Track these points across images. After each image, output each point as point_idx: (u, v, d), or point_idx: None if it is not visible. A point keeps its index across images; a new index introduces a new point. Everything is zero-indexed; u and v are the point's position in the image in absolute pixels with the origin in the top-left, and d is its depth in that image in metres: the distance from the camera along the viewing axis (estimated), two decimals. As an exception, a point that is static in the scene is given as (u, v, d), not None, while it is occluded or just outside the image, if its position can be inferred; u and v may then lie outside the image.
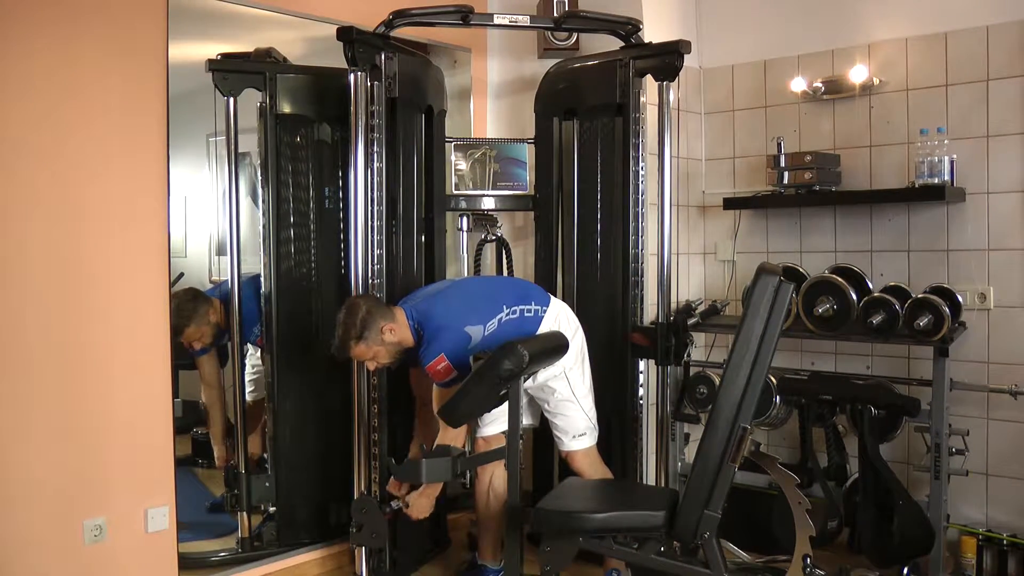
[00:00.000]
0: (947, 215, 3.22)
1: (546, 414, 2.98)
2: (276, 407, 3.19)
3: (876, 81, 3.34)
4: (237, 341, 3.16)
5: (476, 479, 3.01)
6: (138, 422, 2.84)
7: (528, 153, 3.59)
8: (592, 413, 2.94)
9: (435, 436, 2.78)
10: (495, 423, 2.97)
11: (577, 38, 3.66)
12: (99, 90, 2.73)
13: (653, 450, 3.28)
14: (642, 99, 3.21)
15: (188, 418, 3.15)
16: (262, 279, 3.20)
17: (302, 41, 3.37)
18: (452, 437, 2.73)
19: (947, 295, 3.04)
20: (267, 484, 3.18)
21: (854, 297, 3.01)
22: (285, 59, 3.25)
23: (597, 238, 3.34)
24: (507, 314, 2.80)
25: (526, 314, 2.84)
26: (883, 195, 3.30)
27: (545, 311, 2.88)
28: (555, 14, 3.48)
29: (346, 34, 2.87)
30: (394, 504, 2.90)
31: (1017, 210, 3.09)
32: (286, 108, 3.16)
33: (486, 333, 2.75)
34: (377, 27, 3.02)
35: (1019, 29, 3.04)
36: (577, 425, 2.91)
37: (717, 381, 2.81)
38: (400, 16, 3.05)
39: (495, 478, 3.00)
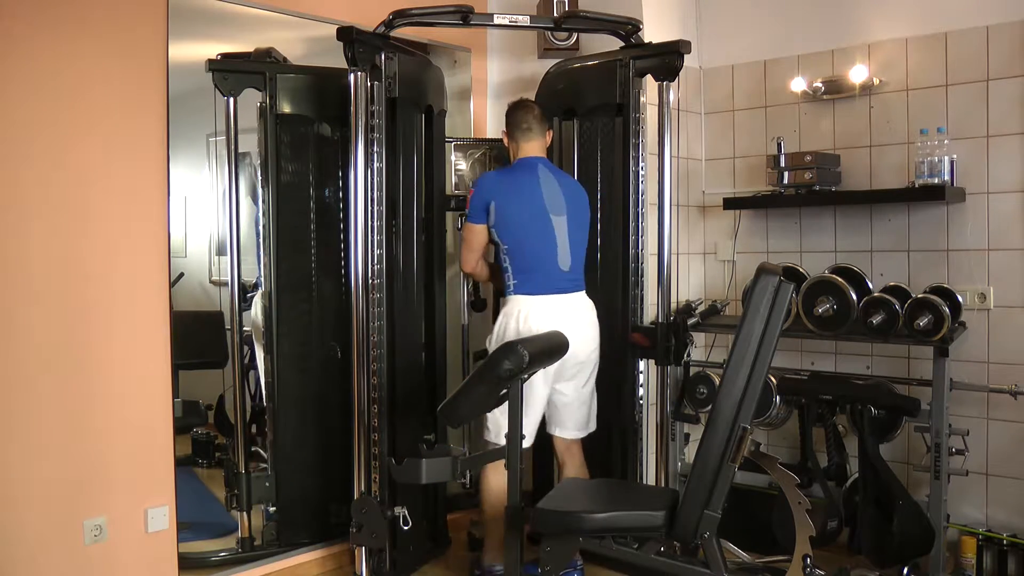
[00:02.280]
0: (947, 215, 3.22)
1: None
2: (276, 407, 3.19)
3: (876, 81, 3.34)
4: (237, 341, 3.16)
5: (482, 478, 3.00)
6: (138, 422, 2.85)
7: (528, 153, 3.58)
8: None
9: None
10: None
11: (577, 38, 3.66)
12: (99, 90, 2.73)
13: (653, 450, 3.28)
14: (642, 99, 3.21)
15: (188, 418, 3.14)
16: (262, 279, 3.20)
17: (302, 41, 3.37)
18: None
19: (947, 295, 3.04)
20: (267, 484, 3.18)
21: (854, 297, 3.01)
22: (285, 59, 3.25)
23: (597, 238, 3.33)
24: (505, 251, 3.00)
25: (508, 275, 2.99)
26: (883, 195, 3.30)
27: (512, 296, 2.98)
28: (555, 14, 3.48)
29: (346, 34, 2.86)
30: (396, 511, 2.91)
31: (1017, 210, 3.09)
32: (286, 108, 3.17)
33: (492, 228, 3.02)
34: (377, 27, 3.02)
35: (1019, 29, 3.04)
36: None
37: (717, 381, 2.81)
38: (400, 16, 3.04)
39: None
